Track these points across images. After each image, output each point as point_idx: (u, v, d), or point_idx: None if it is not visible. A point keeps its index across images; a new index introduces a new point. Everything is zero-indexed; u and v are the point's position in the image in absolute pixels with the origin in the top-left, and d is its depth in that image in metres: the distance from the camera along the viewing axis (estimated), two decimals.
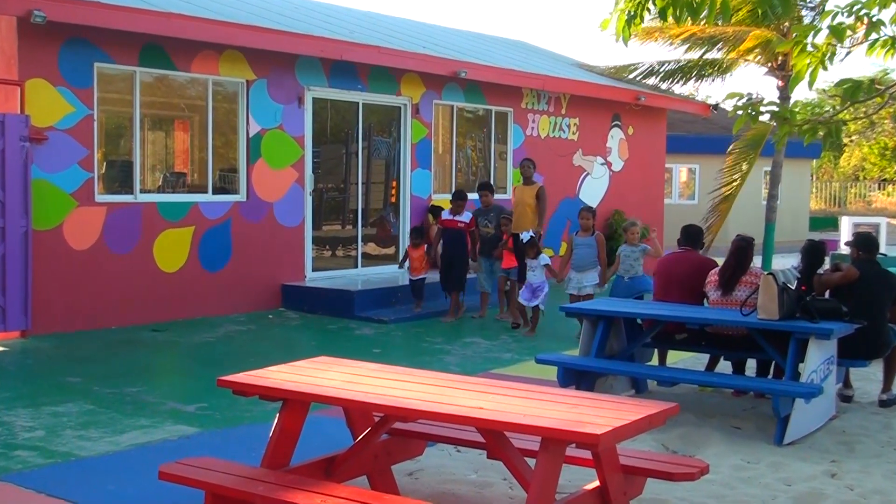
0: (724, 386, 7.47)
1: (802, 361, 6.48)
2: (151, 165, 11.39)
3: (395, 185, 13.55)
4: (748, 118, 6.55)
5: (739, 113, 6.52)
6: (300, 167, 12.13)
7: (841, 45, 5.81)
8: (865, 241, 7.66)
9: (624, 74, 17.50)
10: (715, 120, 22.45)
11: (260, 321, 10.99)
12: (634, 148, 17.56)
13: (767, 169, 17.01)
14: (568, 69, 17.23)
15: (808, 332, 6.46)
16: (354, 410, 4.81)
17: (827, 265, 7.83)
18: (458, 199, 11.58)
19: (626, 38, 5.95)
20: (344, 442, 4.97)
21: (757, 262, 11.98)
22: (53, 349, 9.04)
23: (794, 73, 5.96)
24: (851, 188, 39.36)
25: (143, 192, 10.73)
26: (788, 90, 14.19)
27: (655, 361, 8.16)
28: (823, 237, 11.79)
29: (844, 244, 13.53)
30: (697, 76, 16.93)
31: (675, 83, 17.39)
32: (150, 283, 10.62)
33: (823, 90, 31.94)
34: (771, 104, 7.13)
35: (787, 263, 10.85)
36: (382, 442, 4.88)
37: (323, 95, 12.43)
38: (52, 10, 9.14)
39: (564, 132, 16.02)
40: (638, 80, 17.43)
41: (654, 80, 17.31)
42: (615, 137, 17.14)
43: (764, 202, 17.70)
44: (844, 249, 12.71)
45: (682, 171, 25.27)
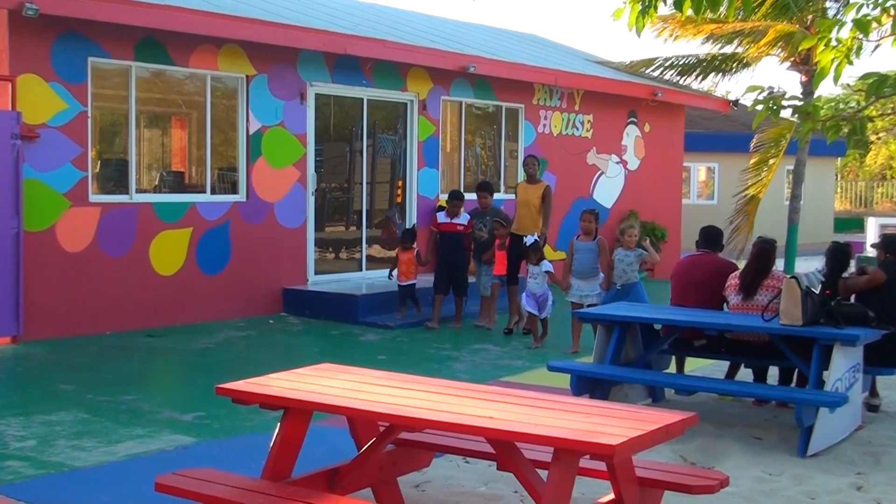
0: (744, 394, 7.50)
1: (827, 369, 6.44)
2: (148, 164, 11.36)
3: (400, 184, 13.45)
4: (769, 112, 6.61)
5: (759, 107, 6.56)
6: (302, 166, 12.02)
7: (866, 38, 5.80)
8: (893, 242, 7.62)
9: (641, 69, 17.29)
10: (735, 116, 22.22)
11: (260, 326, 10.91)
12: (651, 146, 17.35)
13: (790, 167, 17.06)
14: (582, 64, 17.11)
15: (832, 338, 6.43)
16: (359, 420, 4.81)
17: (852, 268, 7.76)
18: (454, 199, 11.31)
19: (639, 28, 5.87)
20: (348, 452, 4.95)
21: (779, 265, 11.97)
22: (45, 355, 9.00)
23: (818, 69, 6.00)
24: (878, 188, 39.05)
25: (138, 191, 10.68)
26: (813, 86, 14.03)
27: (673, 369, 8.09)
28: (849, 239, 11.71)
29: (871, 246, 13.65)
30: (717, 70, 16.81)
31: (693, 79, 17.30)
32: (146, 286, 10.55)
33: (848, 85, 31.60)
34: (793, 98, 7.18)
35: (810, 266, 10.65)
36: (388, 453, 4.88)
37: (326, 91, 12.31)
38: (44, 2, 9.14)
39: (578, 129, 15.84)
40: (656, 75, 17.24)
41: (671, 73, 17.18)
42: (631, 135, 16.94)
43: (786, 202, 17.73)
44: (871, 252, 12.92)
45: (700, 169, 25.18)
